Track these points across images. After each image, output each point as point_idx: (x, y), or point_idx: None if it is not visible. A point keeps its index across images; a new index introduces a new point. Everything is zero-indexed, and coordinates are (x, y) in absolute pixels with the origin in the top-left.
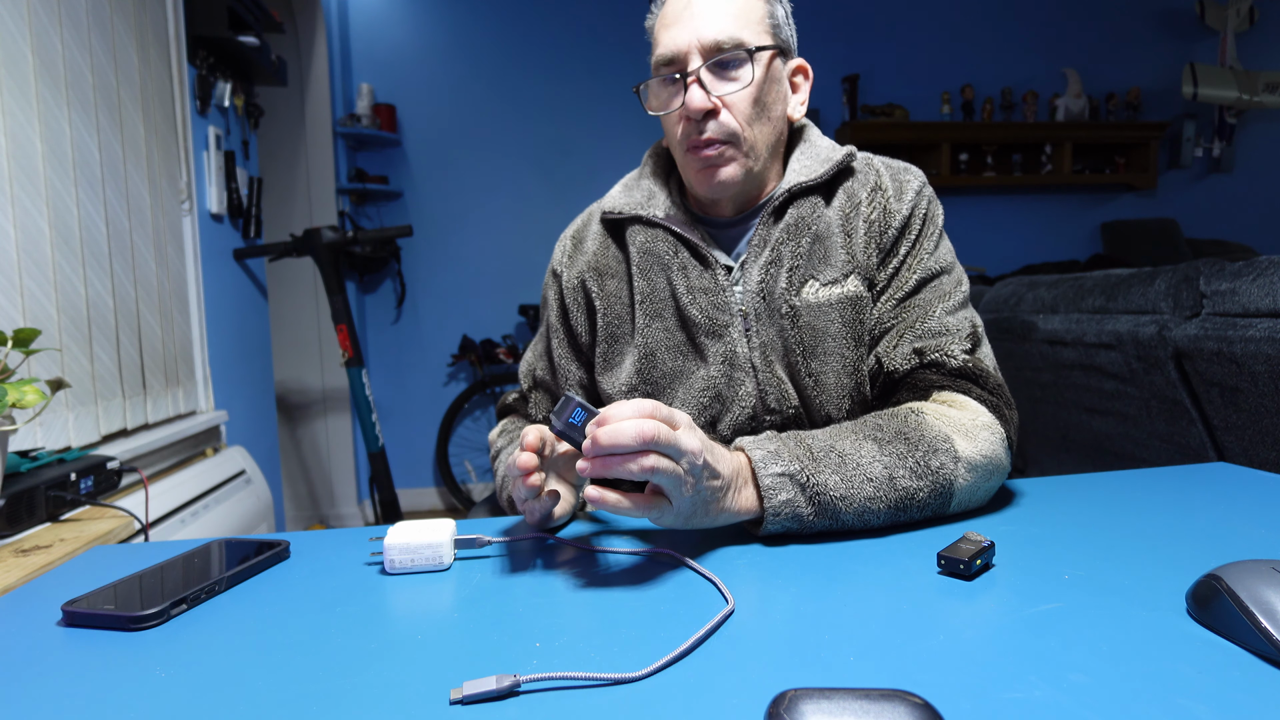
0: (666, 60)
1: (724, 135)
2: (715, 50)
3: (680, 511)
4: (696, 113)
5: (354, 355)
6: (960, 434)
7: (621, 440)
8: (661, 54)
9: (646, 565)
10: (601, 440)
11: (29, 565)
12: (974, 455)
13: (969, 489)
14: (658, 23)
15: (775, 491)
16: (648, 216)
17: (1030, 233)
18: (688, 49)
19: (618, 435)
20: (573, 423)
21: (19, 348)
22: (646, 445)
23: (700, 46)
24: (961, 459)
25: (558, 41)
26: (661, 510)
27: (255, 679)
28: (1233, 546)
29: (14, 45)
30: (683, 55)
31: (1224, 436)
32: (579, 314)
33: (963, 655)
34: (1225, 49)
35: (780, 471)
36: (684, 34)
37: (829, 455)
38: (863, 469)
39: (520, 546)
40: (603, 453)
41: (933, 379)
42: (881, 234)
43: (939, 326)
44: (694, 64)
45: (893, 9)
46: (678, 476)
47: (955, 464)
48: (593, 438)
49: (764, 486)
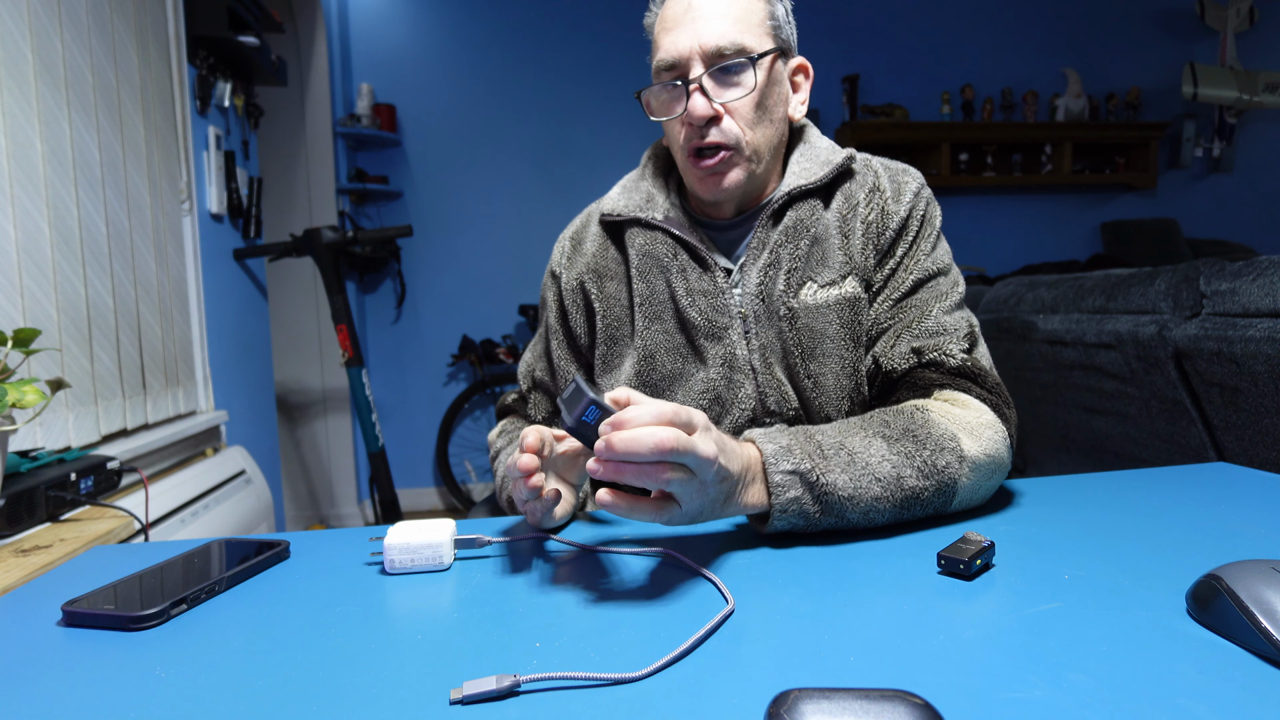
0: (668, 65)
1: (727, 141)
2: (717, 57)
3: (689, 514)
4: (699, 120)
5: (354, 355)
6: (966, 433)
7: (638, 450)
8: (662, 59)
9: (646, 565)
10: (617, 447)
11: (29, 565)
12: (979, 454)
13: (971, 488)
14: (658, 24)
15: (784, 489)
16: (647, 219)
17: (1030, 233)
18: (689, 55)
19: (634, 445)
20: (586, 420)
21: (19, 348)
22: (663, 457)
23: (702, 53)
24: (967, 458)
25: (558, 41)
26: (671, 514)
27: (255, 679)
28: (1233, 546)
29: (14, 45)
30: (684, 61)
31: (1224, 436)
32: (578, 316)
33: (963, 655)
34: (1225, 49)
35: (791, 469)
36: (685, 39)
37: (839, 453)
38: (871, 469)
39: (520, 546)
40: (616, 459)
41: (932, 378)
42: (879, 235)
43: (936, 326)
44: (695, 71)
45: (893, 9)
46: (692, 484)
47: (960, 463)
48: (607, 443)
49: (773, 484)
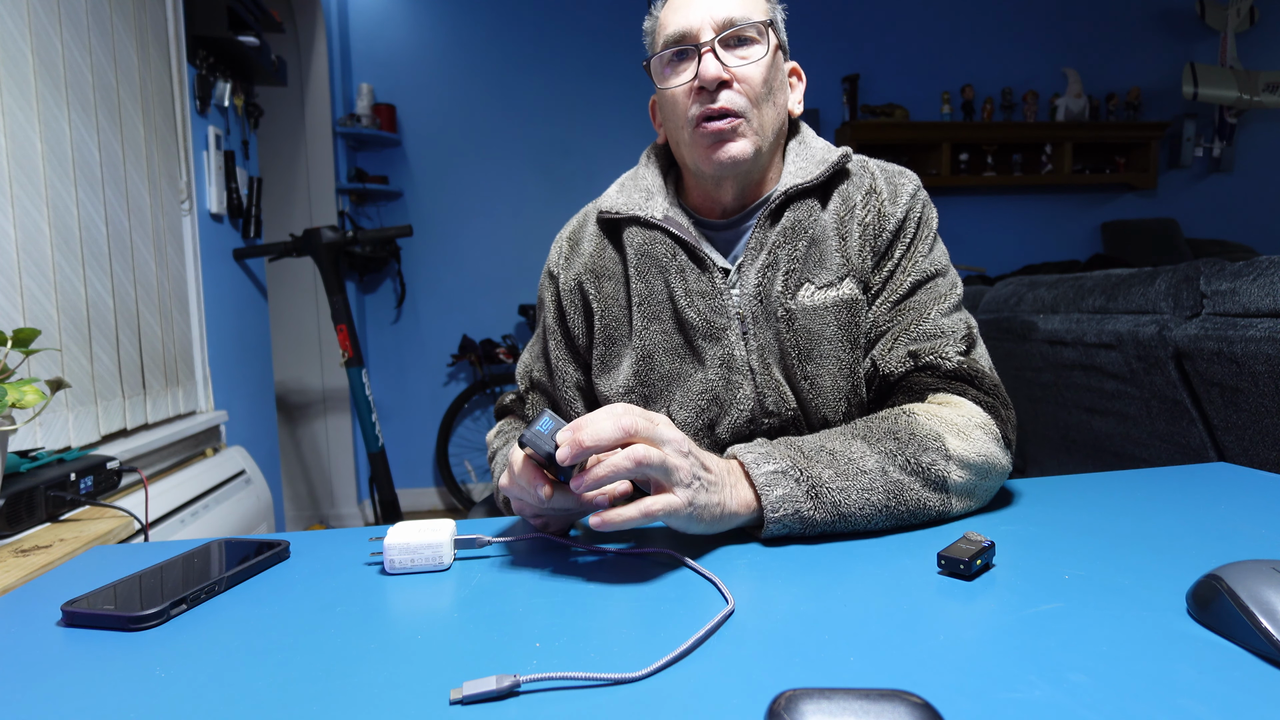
0: (677, 38)
1: (735, 108)
2: (729, 25)
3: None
4: (711, 82)
5: (354, 355)
6: (952, 432)
7: (604, 434)
8: (672, 33)
9: (646, 565)
10: (585, 440)
11: (29, 565)
12: (967, 453)
13: (965, 487)
14: (665, 10)
15: (771, 487)
16: (645, 217)
17: (1030, 233)
18: (700, 25)
19: (600, 431)
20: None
21: (19, 348)
22: (629, 435)
23: (714, 22)
24: (953, 457)
25: (558, 41)
26: (665, 505)
27: (255, 679)
28: (1233, 546)
29: (14, 45)
30: (695, 31)
31: (1224, 436)
32: (576, 316)
33: (963, 655)
34: (1225, 49)
35: (774, 469)
36: (696, 13)
37: (820, 454)
38: (855, 462)
39: (520, 546)
40: (587, 453)
41: (928, 382)
42: (876, 237)
43: (934, 329)
44: (706, 37)
45: (893, 9)
46: (667, 463)
47: (946, 461)
48: (574, 441)
49: (759, 484)
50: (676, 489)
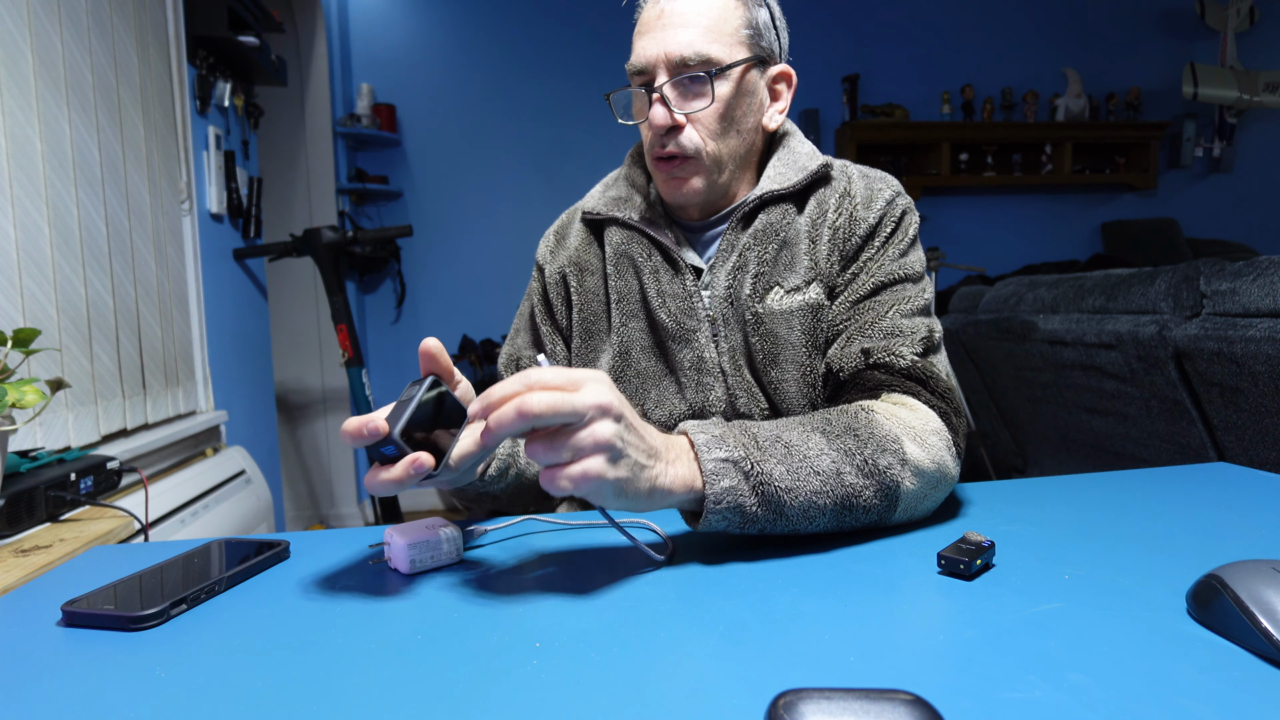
0: (637, 70)
1: (685, 151)
2: (681, 67)
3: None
4: (658, 130)
5: (354, 355)
6: (910, 437)
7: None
8: (632, 64)
9: (647, 565)
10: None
11: (29, 565)
12: (922, 461)
13: (915, 495)
14: (636, 26)
15: (718, 478)
16: (623, 218)
17: (1030, 233)
18: (655, 63)
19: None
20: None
21: (19, 348)
22: (530, 386)
23: (667, 61)
24: (909, 462)
25: (558, 41)
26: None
27: (255, 679)
28: (1233, 546)
29: (14, 45)
30: (651, 68)
31: (1224, 436)
32: (560, 306)
33: (963, 655)
34: (1225, 49)
35: (724, 457)
36: (653, 46)
37: (775, 445)
38: (810, 461)
39: (521, 545)
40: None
41: (880, 378)
42: (845, 241)
43: (891, 328)
44: (659, 79)
45: (893, 9)
46: (575, 411)
47: (902, 467)
48: (487, 406)
49: (706, 472)
50: (605, 456)
